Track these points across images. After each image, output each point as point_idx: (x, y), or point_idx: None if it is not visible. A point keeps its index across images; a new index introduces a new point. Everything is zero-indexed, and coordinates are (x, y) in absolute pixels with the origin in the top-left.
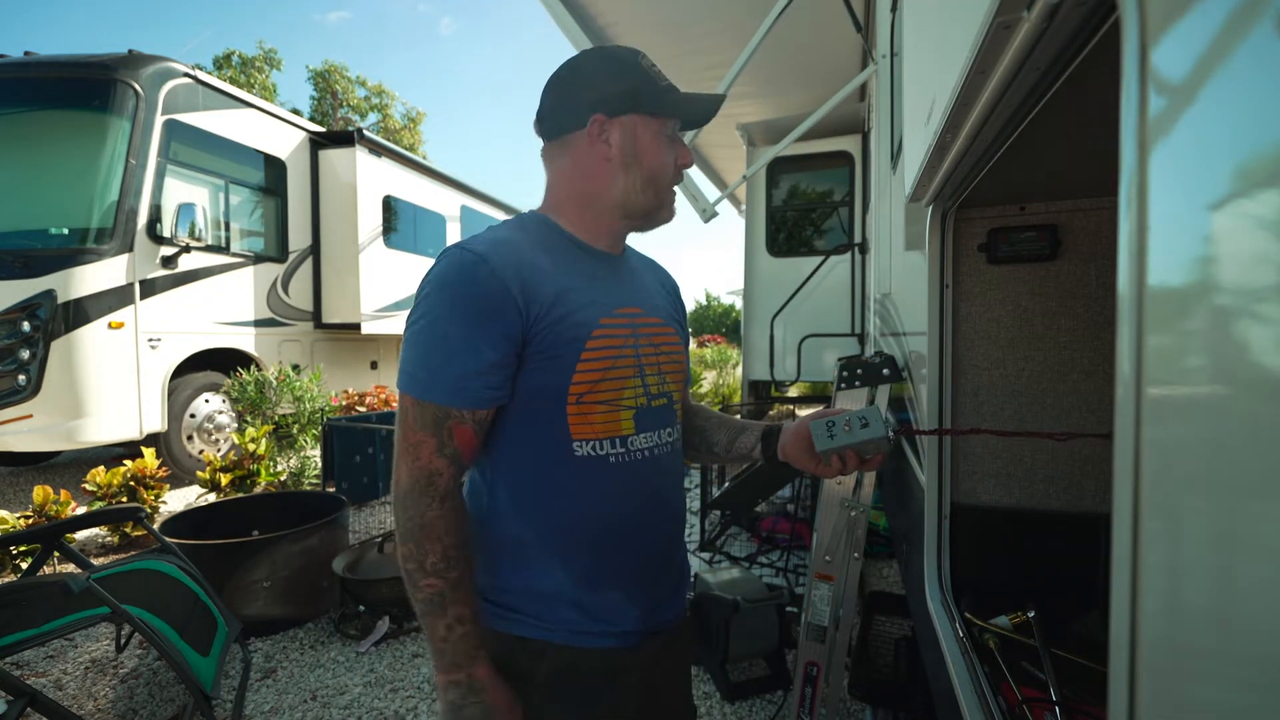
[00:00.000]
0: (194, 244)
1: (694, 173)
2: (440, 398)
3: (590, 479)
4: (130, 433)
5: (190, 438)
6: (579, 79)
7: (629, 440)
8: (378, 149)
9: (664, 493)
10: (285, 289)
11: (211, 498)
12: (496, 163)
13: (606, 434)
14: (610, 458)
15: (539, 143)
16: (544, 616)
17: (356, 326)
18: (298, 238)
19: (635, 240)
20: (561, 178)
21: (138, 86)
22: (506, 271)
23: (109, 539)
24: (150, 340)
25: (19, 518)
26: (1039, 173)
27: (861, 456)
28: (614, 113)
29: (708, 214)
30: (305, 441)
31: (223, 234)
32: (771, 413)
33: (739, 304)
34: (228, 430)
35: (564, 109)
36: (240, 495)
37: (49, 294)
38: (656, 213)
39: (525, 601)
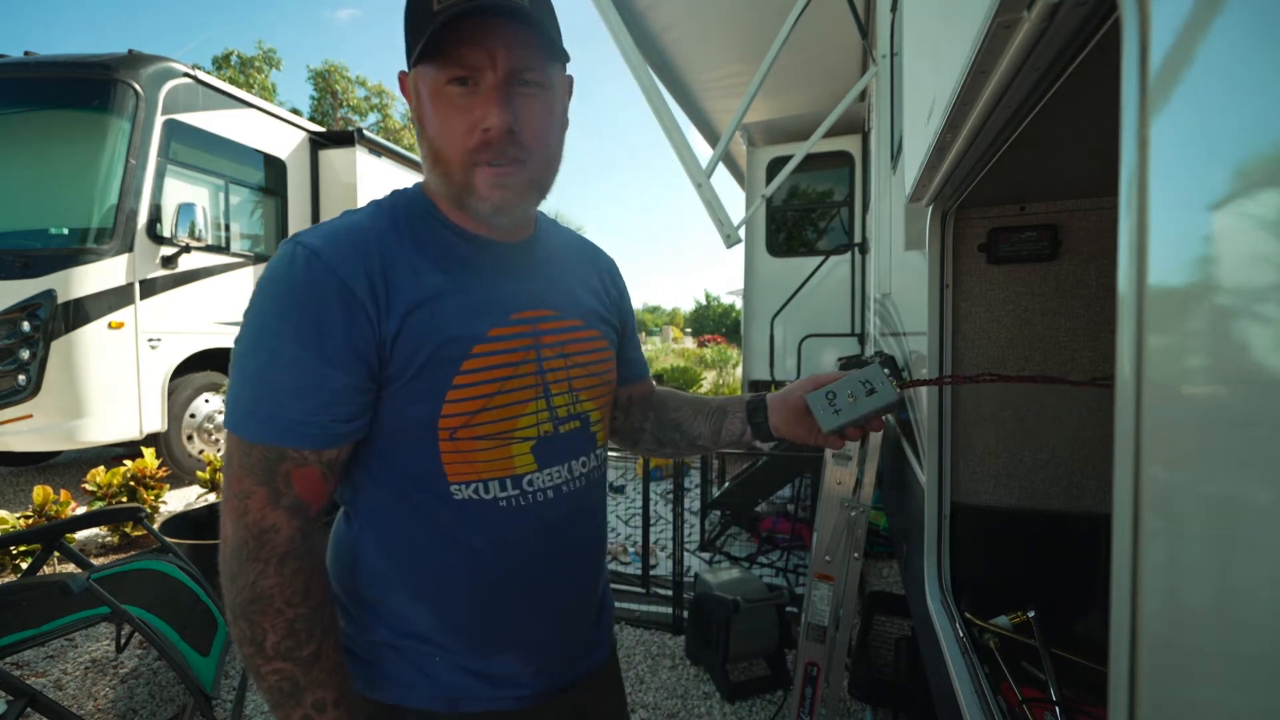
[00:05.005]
0: (194, 244)
1: (726, 192)
2: (271, 436)
3: (473, 527)
4: (130, 433)
5: (190, 438)
6: None
7: (526, 479)
8: (378, 149)
9: (575, 537)
10: None
11: (211, 498)
12: None
13: (494, 474)
14: (500, 501)
15: None
16: (420, 681)
17: None
18: None
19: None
20: None
21: (138, 86)
22: (350, 269)
23: (109, 539)
24: (150, 340)
25: (19, 518)
26: (1039, 173)
27: (867, 425)
28: (410, 65)
29: (731, 240)
30: None
31: (223, 234)
32: None
33: (739, 304)
34: None
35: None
36: None
37: (49, 294)
38: (462, 197)
39: (399, 662)
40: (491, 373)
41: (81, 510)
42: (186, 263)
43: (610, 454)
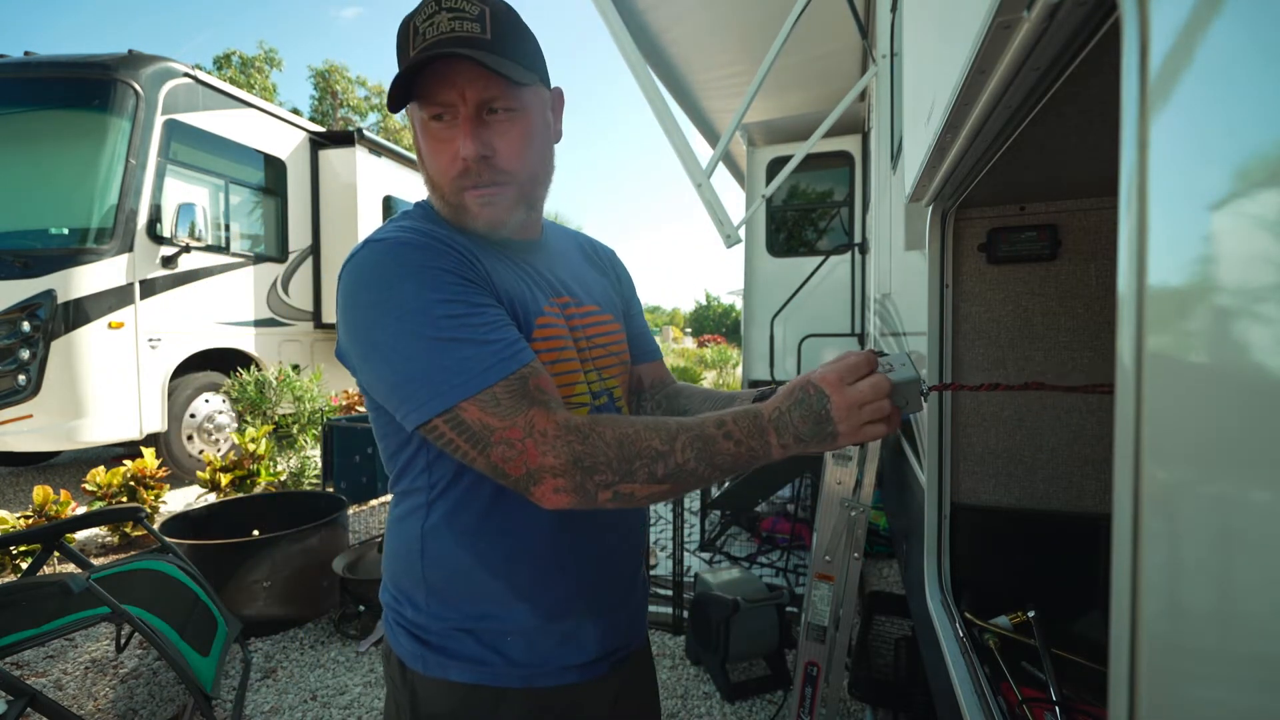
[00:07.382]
0: (194, 244)
1: (726, 192)
2: (506, 367)
3: None
4: (130, 433)
5: (190, 438)
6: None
7: None
8: (378, 149)
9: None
10: (285, 289)
11: (211, 498)
12: None
13: None
14: None
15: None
16: (494, 659)
17: None
18: (298, 238)
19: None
20: None
21: (138, 86)
22: (446, 241)
23: (109, 539)
24: (150, 340)
25: (19, 518)
26: (1039, 173)
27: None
28: (402, 103)
29: (731, 240)
30: (305, 441)
31: (223, 234)
32: None
33: (739, 304)
34: (228, 430)
35: None
36: (240, 495)
37: (49, 294)
38: (459, 216)
39: (473, 642)
40: (551, 343)
41: (81, 510)
42: (186, 263)
43: None
